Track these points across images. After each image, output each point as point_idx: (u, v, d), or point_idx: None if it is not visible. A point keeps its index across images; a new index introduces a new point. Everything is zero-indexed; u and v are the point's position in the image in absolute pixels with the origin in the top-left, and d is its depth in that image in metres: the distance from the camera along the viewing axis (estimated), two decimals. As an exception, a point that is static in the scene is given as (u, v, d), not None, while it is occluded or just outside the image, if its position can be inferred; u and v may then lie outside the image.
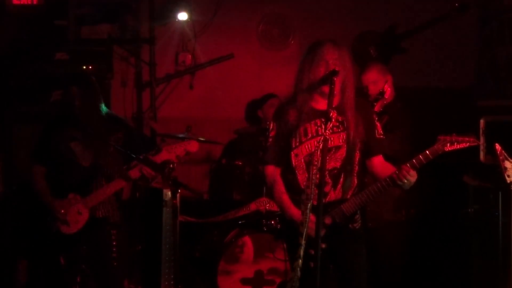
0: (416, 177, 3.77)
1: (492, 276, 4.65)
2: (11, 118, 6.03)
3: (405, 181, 3.74)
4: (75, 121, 4.57)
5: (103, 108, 4.77)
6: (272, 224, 5.49)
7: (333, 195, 3.91)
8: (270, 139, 4.05)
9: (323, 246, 3.62)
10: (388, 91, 5.16)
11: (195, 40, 7.03)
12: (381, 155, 4.03)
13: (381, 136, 4.03)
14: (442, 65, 6.82)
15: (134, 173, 4.55)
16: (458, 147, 3.76)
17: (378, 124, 4.07)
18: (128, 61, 7.05)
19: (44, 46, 6.05)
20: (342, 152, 3.91)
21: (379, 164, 4.01)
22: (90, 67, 5.08)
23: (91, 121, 4.60)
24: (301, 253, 3.49)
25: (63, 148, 4.63)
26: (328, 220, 3.84)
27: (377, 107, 5.07)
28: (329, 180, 3.88)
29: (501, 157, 4.07)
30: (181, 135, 5.53)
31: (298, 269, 3.51)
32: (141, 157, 4.47)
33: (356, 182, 3.98)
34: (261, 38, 7.16)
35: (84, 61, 5.96)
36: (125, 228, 4.85)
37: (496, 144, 4.10)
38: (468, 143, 3.76)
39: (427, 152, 3.77)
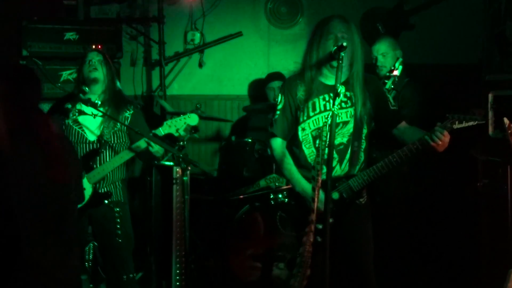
0: (449, 137, 3.71)
1: (502, 249, 4.67)
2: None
3: (439, 142, 3.68)
4: (85, 97, 4.61)
5: (116, 85, 4.82)
6: (282, 200, 5.52)
7: (339, 170, 3.93)
8: (278, 112, 4.06)
9: (330, 220, 3.65)
10: (396, 70, 5.18)
11: (204, 19, 7.04)
12: (404, 121, 4.01)
13: (395, 107, 4.03)
14: (450, 40, 6.80)
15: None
16: (466, 125, 3.76)
17: (389, 96, 4.08)
18: (137, 40, 7.07)
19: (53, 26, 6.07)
20: (350, 128, 3.93)
21: (406, 128, 3.99)
22: (100, 47, 5.10)
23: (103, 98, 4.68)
24: (312, 228, 3.51)
25: (71, 121, 4.67)
26: (335, 196, 3.87)
27: (387, 84, 5.09)
28: (336, 155, 3.89)
29: (509, 131, 4.07)
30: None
31: (310, 244, 3.52)
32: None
33: (363, 157, 4.00)
34: (270, 16, 7.14)
35: (94, 40, 5.98)
36: (128, 206, 4.88)
37: (504, 118, 4.11)
38: (476, 121, 3.76)
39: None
